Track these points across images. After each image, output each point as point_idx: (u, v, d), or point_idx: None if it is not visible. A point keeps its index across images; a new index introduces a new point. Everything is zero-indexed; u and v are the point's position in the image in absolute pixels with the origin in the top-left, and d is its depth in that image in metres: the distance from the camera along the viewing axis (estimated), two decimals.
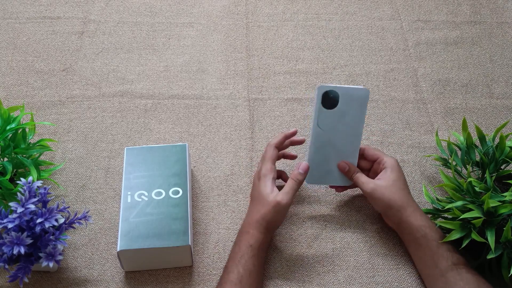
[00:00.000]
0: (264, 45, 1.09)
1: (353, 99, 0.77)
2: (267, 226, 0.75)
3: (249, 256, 0.72)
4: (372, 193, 0.78)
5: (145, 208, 0.77)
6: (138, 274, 0.78)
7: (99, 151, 0.92)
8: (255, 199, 0.78)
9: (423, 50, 1.09)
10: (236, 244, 0.75)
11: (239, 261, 0.72)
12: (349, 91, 0.77)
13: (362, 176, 0.80)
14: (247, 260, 0.72)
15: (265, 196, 0.76)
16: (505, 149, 0.79)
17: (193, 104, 0.99)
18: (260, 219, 0.75)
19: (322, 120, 0.78)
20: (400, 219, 0.76)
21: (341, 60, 1.07)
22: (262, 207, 0.76)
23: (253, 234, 0.74)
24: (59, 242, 0.70)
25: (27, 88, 1.01)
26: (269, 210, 0.75)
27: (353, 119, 0.78)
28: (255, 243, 0.74)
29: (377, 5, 1.17)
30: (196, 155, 0.92)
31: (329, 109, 0.77)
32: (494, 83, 1.03)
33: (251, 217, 0.77)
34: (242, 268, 0.71)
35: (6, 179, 0.75)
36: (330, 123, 0.78)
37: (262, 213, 0.75)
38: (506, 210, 0.69)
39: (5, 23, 1.12)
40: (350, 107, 0.78)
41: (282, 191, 0.76)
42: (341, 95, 0.77)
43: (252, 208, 0.78)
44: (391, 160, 0.80)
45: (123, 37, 1.10)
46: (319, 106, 0.77)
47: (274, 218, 0.75)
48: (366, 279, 0.77)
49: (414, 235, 0.75)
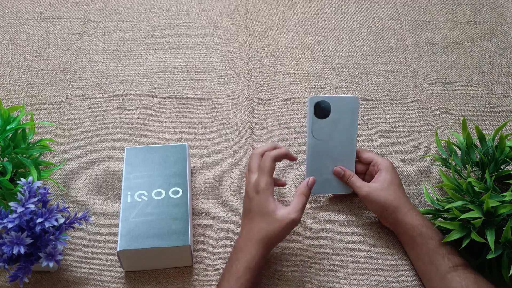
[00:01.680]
0: (264, 45, 1.09)
1: (345, 107, 0.80)
2: (270, 244, 0.72)
3: (246, 278, 0.69)
4: (367, 196, 0.78)
5: (145, 208, 0.77)
6: (138, 274, 0.78)
7: (99, 151, 0.92)
8: (255, 214, 0.72)
9: (423, 50, 1.09)
10: (233, 262, 0.70)
11: (235, 283, 0.68)
12: (340, 100, 0.79)
13: (357, 180, 0.80)
14: (243, 284, 0.68)
15: (271, 213, 0.71)
16: (505, 149, 0.79)
17: (193, 104, 0.99)
18: (265, 237, 0.71)
19: (316, 130, 0.80)
20: (396, 220, 0.77)
21: (341, 60, 1.07)
22: (267, 225, 0.71)
23: (254, 255, 0.70)
24: (59, 242, 0.70)
25: (27, 88, 1.01)
26: (278, 228, 0.71)
27: (346, 127, 0.80)
28: (254, 266, 0.70)
29: (377, 5, 1.17)
30: (196, 155, 0.92)
31: (322, 119, 0.80)
32: (494, 83, 1.03)
33: (251, 234, 0.72)
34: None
35: (6, 179, 0.75)
36: (324, 132, 0.80)
37: (267, 231, 0.71)
38: (506, 210, 0.69)
39: (5, 23, 1.12)
40: (342, 116, 0.80)
41: (294, 208, 0.72)
42: (333, 105, 0.79)
43: (251, 225, 0.72)
44: (385, 162, 0.80)
45: (123, 37, 1.10)
46: (312, 116, 0.79)
47: (282, 236, 0.72)
48: (366, 279, 0.78)
49: (410, 234, 0.75)
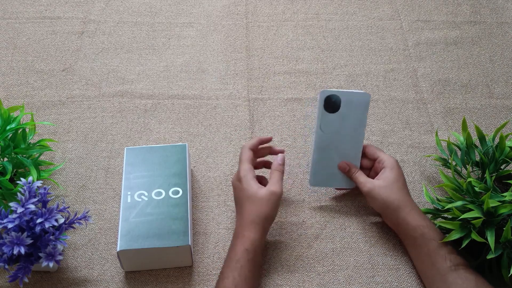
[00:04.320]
0: (264, 45, 1.09)
1: (355, 103, 0.79)
2: (262, 223, 0.74)
3: (245, 261, 0.71)
4: (369, 192, 0.78)
5: (145, 208, 0.77)
6: (138, 274, 0.78)
7: (99, 151, 0.92)
8: (242, 200, 0.76)
9: (423, 50, 1.09)
10: (231, 249, 0.73)
11: (234, 266, 0.71)
12: (351, 95, 0.79)
13: (361, 175, 0.80)
14: (243, 266, 0.71)
15: (254, 194, 0.74)
16: (505, 149, 0.79)
17: (193, 104, 0.99)
18: (255, 218, 0.74)
19: (324, 124, 0.80)
20: (398, 219, 0.76)
21: (341, 60, 1.07)
22: (254, 206, 0.74)
23: (248, 237, 0.73)
24: (59, 242, 0.70)
25: (27, 88, 1.01)
26: (264, 204, 0.74)
27: (355, 123, 0.80)
28: (250, 247, 0.72)
29: (377, 5, 1.17)
30: (196, 155, 0.92)
31: (331, 113, 0.80)
32: (494, 83, 1.03)
33: (243, 220, 0.75)
34: (238, 274, 0.70)
35: (6, 179, 0.75)
36: (332, 126, 0.80)
37: (255, 211, 0.74)
38: (506, 210, 0.69)
39: (5, 23, 1.12)
40: (351, 111, 0.80)
41: (271, 182, 0.76)
42: (343, 100, 0.79)
43: (241, 210, 0.76)
44: (391, 159, 0.80)
45: (123, 37, 1.10)
46: (321, 110, 0.79)
47: (270, 211, 0.74)
48: (366, 279, 0.78)
49: (412, 235, 0.75)
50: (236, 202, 0.78)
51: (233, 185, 0.79)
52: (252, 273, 0.71)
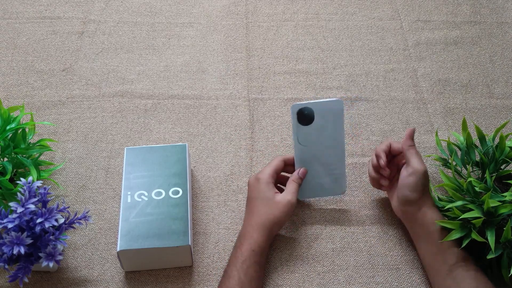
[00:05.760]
0: (264, 45, 1.09)
1: (328, 112, 0.78)
2: (272, 228, 0.75)
3: (251, 262, 0.72)
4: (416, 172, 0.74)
5: (145, 208, 0.77)
6: (138, 274, 0.78)
7: (99, 151, 0.92)
8: (257, 201, 0.77)
9: (423, 50, 1.09)
10: (237, 248, 0.74)
11: (240, 266, 0.71)
12: (323, 105, 0.78)
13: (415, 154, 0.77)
14: (249, 266, 0.71)
15: (271, 198, 0.76)
16: (505, 149, 0.79)
17: (193, 104, 0.99)
18: (266, 221, 0.75)
19: (301, 137, 0.79)
20: (419, 210, 0.75)
21: (341, 60, 1.07)
22: (268, 209, 0.75)
23: (257, 239, 0.74)
24: (59, 242, 0.70)
25: (27, 88, 1.01)
26: (279, 210, 0.75)
27: (333, 131, 0.79)
28: (257, 248, 0.73)
29: (377, 5, 1.17)
30: (196, 155, 0.92)
31: (306, 125, 0.79)
32: (494, 83, 1.03)
33: (253, 220, 0.76)
34: (244, 274, 0.70)
35: (6, 179, 0.75)
36: (309, 138, 0.79)
37: (268, 215, 0.75)
38: (506, 210, 0.69)
39: (5, 23, 1.12)
40: (327, 121, 0.79)
41: (288, 192, 0.77)
42: (316, 111, 0.78)
43: (253, 210, 0.77)
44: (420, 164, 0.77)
45: (123, 37, 1.10)
46: (296, 123, 0.78)
47: (282, 218, 0.76)
48: (366, 279, 0.77)
49: (427, 230, 0.74)
50: (249, 201, 0.79)
51: (250, 183, 0.79)
52: (257, 274, 0.72)
